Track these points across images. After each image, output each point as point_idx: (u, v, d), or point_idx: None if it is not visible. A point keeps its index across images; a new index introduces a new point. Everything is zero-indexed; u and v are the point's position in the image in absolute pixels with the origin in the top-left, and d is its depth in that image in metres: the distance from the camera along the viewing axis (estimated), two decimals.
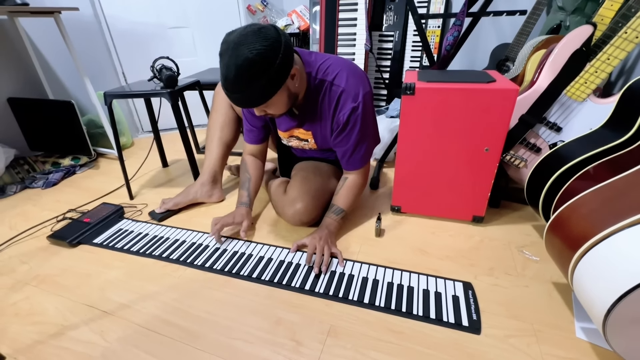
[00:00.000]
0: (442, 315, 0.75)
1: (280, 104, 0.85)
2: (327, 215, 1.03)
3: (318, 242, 0.94)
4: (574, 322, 0.73)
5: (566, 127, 1.00)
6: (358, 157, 1.00)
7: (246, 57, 0.71)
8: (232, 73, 0.73)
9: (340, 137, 0.97)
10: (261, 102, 0.80)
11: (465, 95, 0.88)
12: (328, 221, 1.01)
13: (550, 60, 1.01)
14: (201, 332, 0.75)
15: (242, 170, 1.14)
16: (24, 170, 1.57)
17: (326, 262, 0.90)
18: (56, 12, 1.43)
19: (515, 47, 1.47)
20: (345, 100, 0.91)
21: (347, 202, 1.03)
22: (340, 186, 1.04)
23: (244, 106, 0.82)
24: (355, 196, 1.05)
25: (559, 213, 0.71)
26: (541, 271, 0.87)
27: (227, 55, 0.74)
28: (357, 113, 0.91)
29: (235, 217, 1.04)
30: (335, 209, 1.02)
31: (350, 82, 0.91)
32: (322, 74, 0.91)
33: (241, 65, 0.72)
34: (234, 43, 0.73)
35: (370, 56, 1.88)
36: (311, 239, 0.96)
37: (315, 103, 0.95)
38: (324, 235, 0.96)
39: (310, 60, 0.92)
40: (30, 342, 0.75)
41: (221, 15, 1.99)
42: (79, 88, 1.84)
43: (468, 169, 0.98)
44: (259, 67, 0.73)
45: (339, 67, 0.92)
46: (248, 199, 1.09)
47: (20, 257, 1.03)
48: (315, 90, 0.93)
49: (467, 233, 1.04)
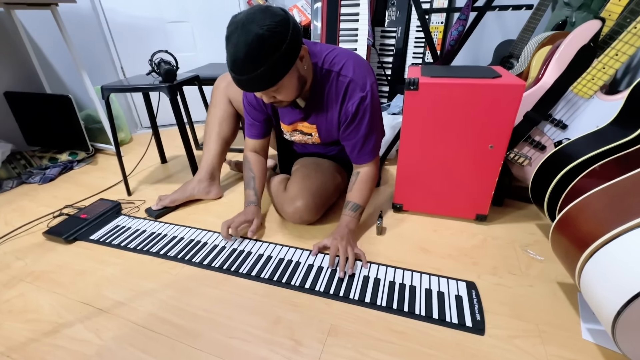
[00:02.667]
0: (445, 315, 0.73)
1: (290, 88, 0.81)
2: (345, 212, 0.99)
3: (340, 243, 0.90)
4: (579, 323, 0.71)
5: (572, 125, 0.98)
6: (368, 149, 0.97)
7: (256, 33, 0.68)
8: (242, 52, 0.70)
9: (350, 129, 0.94)
10: (273, 83, 0.76)
11: (470, 91, 0.86)
12: (347, 219, 0.98)
13: (556, 56, 0.98)
14: (198, 331, 0.73)
15: (245, 168, 1.12)
16: (20, 165, 1.55)
17: (351, 264, 0.87)
18: (53, 5, 1.41)
19: (519, 44, 1.45)
20: (353, 90, 0.89)
21: (362, 196, 0.99)
22: (352, 182, 1.01)
23: (255, 89, 0.78)
24: (370, 190, 1.01)
25: (565, 212, 0.69)
26: (546, 271, 0.86)
27: (235, 35, 0.70)
28: (366, 103, 0.89)
29: (247, 216, 1.01)
30: (352, 205, 0.98)
31: (357, 72, 0.89)
32: (328, 65, 0.89)
33: (252, 42, 0.69)
34: (242, 22, 0.70)
35: (372, 52, 1.86)
36: (332, 240, 0.92)
37: (322, 94, 0.92)
38: (345, 235, 0.93)
39: (315, 50, 0.90)
40: (24, 340, 0.73)
41: (221, 10, 1.96)
42: (77, 82, 1.82)
43: (472, 166, 0.97)
44: (270, 43, 0.70)
45: (345, 58, 0.90)
46: (256, 198, 1.07)
47: (15, 253, 1.01)
48: (322, 81, 0.91)
49: (470, 231, 1.02)
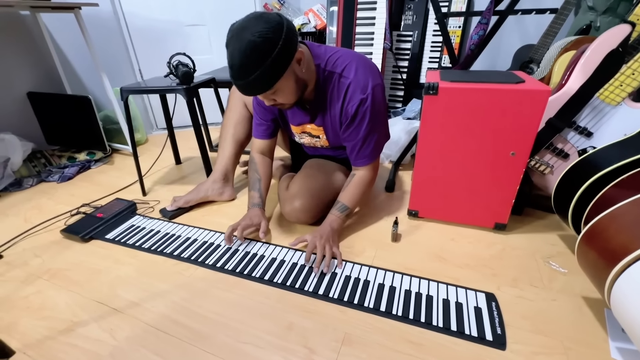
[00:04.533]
0: (463, 327, 0.71)
1: (288, 91, 0.83)
2: (331, 212, 0.99)
3: (319, 240, 0.91)
4: (607, 340, 0.68)
5: (597, 132, 0.95)
6: (367, 151, 0.96)
7: (249, 40, 0.71)
8: (237, 58, 0.73)
9: (349, 130, 0.94)
10: (267, 88, 0.78)
11: (492, 96, 0.83)
12: (331, 218, 0.98)
13: (582, 61, 0.95)
14: (210, 334, 0.73)
15: (251, 169, 1.12)
16: (40, 163, 1.59)
17: (327, 262, 0.87)
18: (76, 8, 1.45)
19: (540, 49, 1.41)
20: (353, 91, 0.89)
21: (352, 199, 0.99)
22: (347, 182, 1.01)
23: (251, 93, 0.80)
24: (363, 193, 1.01)
25: (594, 223, 0.66)
26: (570, 284, 0.82)
27: (231, 43, 0.74)
28: (366, 105, 0.89)
29: (253, 219, 1.01)
30: (339, 205, 0.99)
31: (359, 74, 0.88)
32: (331, 66, 0.89)
33: (245, 49, 0.71)
34: (237, 30, 0.73)
35: (388, 55, 1.84)
36: (312, 237, 0.93)
37: (325, 96, 0.92)
38: (325, 234, 0.93)
39: (319, 52, 0.90)
40: (40, 337, 0.74)
41: (237, 14, 1.95)
42: (96, 84, 1.86)
43: (492, 173, 0.94)
44: (261, 49, 0.72)
45: (348, 59, 0.90)
46: (260, 200, 1.06)
47: (33, 250, 1.03)
48: (325, 83, 0.91)
49: (489, 241, 0.99)
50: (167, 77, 1.29)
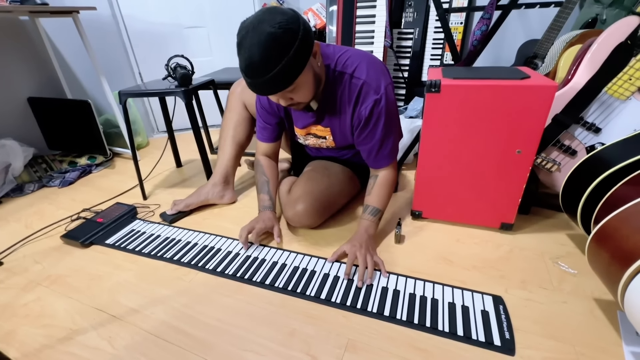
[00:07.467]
0: (470, 332, 0.69)
1: (307, 86, 0.79)
2: (363, 217, 0.95)
3: (359, 250, 0.86)
4: (621, 345, 0.65)
5: (606, 128, 0.92)
6: (386, 152, 0.94)
7: (269, 32, 0.67)
8: (257, 53, 0.68)
9: (364, 133, 0.91)
10: (289, 84, 0.74)
11: (497, 93, 0.81)
12: (366, 224, 0.93)
13: (589, 55, 0.93)
14: (211, 342, 0.71)
15: (258, 172, 1.10)
16: (41, 169, 1.58)
17: (370, 273, 0.83)
18: (74, 12, 1.44)
19: (545, 43, 1.38)
20: (366, 93, 0.86)
21: (381, 200, 0.96)
22: (370, 185, 0.97)
23: (272, 91, 0.76)
24: (389, 194, 0.98)
25: (606, 222, 0.63)
26: (580, 285, 0.79)
27: (247, 38, 0.69)
28: (381, 106, 0.86)
29: (265, 222, 0.99)
30: (371, 209, 0.95)
31: (371, 74, 0.85)
32: (341, 67, 0.87)
33: (265, 41, 0.67)
34: (253, 25, 0.69)
35: (389, 53, 1.82)
36: (350, 247, 0.88)
37: (335, 96, 0.90)
38: (364, 242, 0.89)
39: (328, 52, 0.87)
40: (39, 346, 0.73)
41: (237, 15, 1.97)
42: (96, 87, 1.86)
43: (497, 172, 0.91)
44: (284, 39, 0.68)
45: (358, 59, 0.87)
46: (270, 202, 1.05)
47: (34, 257, 1.02)
48: (334, 83, 0.88)
49: (495, 241, 0.97)
50: (166, 80, 1.28)
